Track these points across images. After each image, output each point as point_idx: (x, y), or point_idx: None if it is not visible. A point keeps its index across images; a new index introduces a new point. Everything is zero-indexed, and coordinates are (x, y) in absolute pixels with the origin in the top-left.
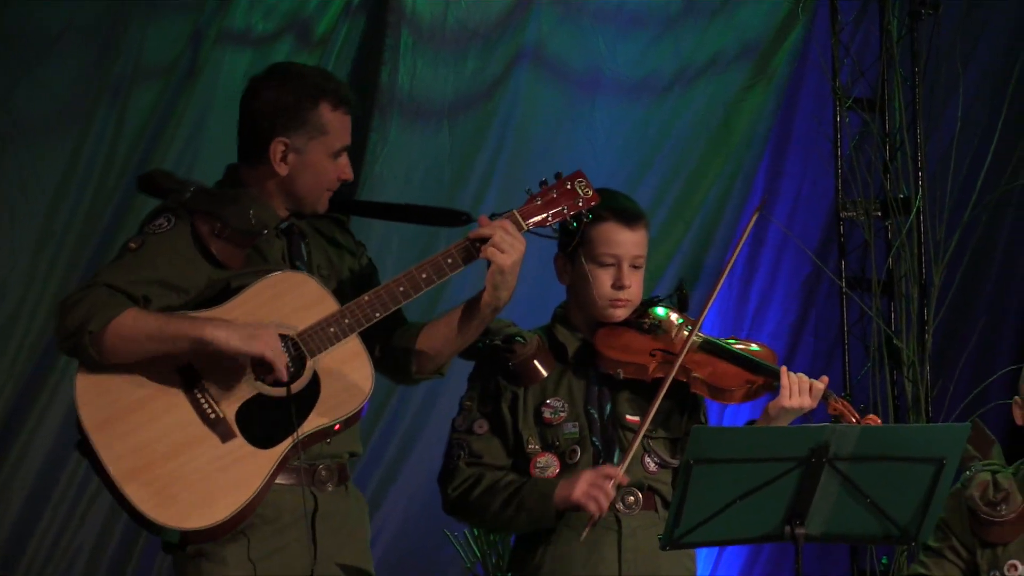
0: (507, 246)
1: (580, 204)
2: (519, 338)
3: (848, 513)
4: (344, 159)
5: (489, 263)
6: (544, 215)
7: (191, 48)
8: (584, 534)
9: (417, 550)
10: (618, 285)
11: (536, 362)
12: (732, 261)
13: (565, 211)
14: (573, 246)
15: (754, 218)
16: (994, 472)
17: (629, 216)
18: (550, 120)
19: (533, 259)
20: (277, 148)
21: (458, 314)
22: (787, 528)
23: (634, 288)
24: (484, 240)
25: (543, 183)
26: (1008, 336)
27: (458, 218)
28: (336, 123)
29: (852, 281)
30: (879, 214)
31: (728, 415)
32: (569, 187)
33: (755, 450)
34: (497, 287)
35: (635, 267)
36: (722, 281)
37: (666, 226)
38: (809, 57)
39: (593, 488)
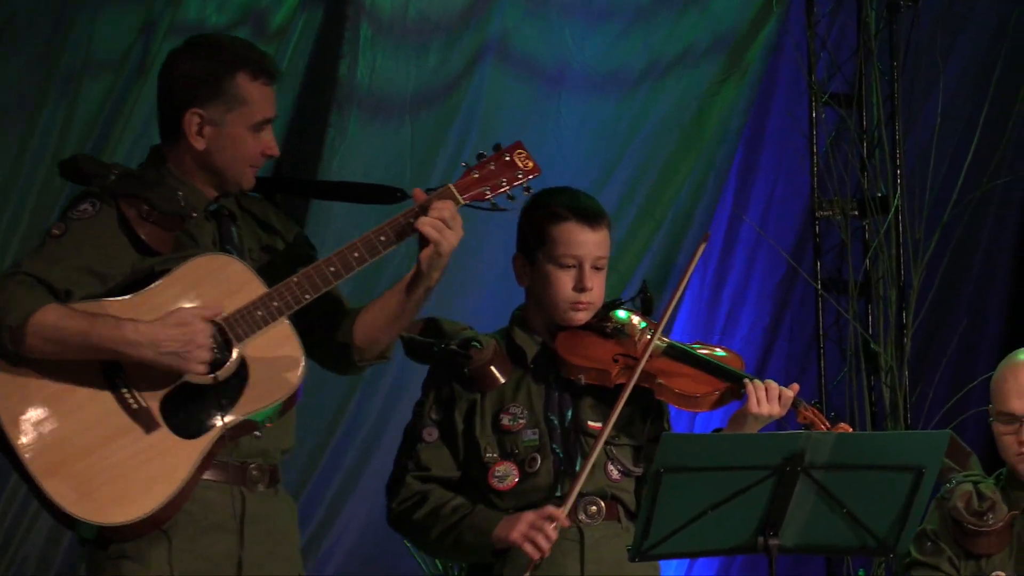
0: (446, 230)
1: (520, 177)
2: (475, 342)
3: (824, 523)
4: (268, 133)
5: (421, 241)
6: (482, 188)
7: (142, 40)
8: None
9: (377, 559)
10: (579, 287)
11: (493, 367)
12: (686, 280)
13: (504, 184)
14: (530, 246)
15: (700, 249)
16: (976, 482)
17: (590, 216)
18: (516, 116)
19: (494, 262)
20: (192, 120)
21: (392, 298)
22: (760, 539)
23: (596, 290)
24: (416, 215)
25: (480, 155)
26: (989, 340)
27: (392, 195)
28: (256, 94)
29: (828, 283)
30: (856, 213)
31: (699, 423)
32: (508, 159)
33: (727, 458)
34: (431, 266)
35: (597, 268)
36: (682, 289)
37: (636, 225)
38: (784, 50)
39: (532, 530)
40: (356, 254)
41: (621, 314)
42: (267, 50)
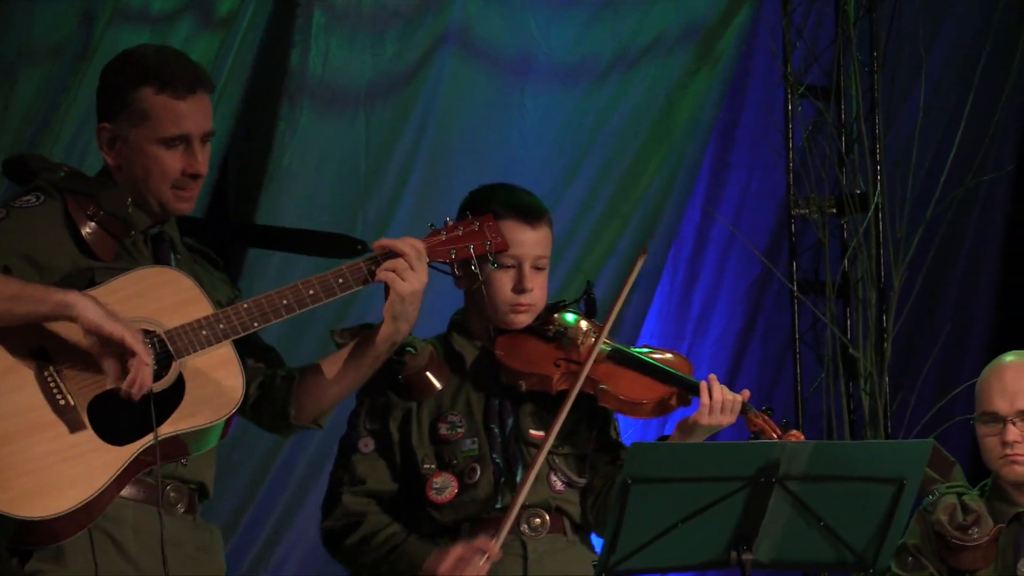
0: (410, 274)
1: (487, 247)
2: (410, 348)
3: (800, 537)
4: (190, 150)
5: (386, 292)
6: (448, 249)
7: (83, 27)
8: None
9: None
10: (519, 288)
11: (429, 374)
12: (629, 283)
13: (470, 250)
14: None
15: (640, 262)
16: (960, 494)
17: (529, 213)
18: (477, 108)
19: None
20: (102, 135)
21: (350, 351)
22: (733, 554)
23: (537, 292)
24: (378, 262)
25: (447, 223)
26: (974, 345)
27: (352, 247)
28: (160, 108)
29: (804, 284)
30: (834, 211)
31: (637, 431)
32: (477, 228)
33: (699, 468)
34: (396, 318)
35: (538, 268)
36: (625, 292)
37: (602, 223)
38: (758, 40)
39: (462, 564)
40: (311, 291)
41: (565, 317)
42: (213, 38)
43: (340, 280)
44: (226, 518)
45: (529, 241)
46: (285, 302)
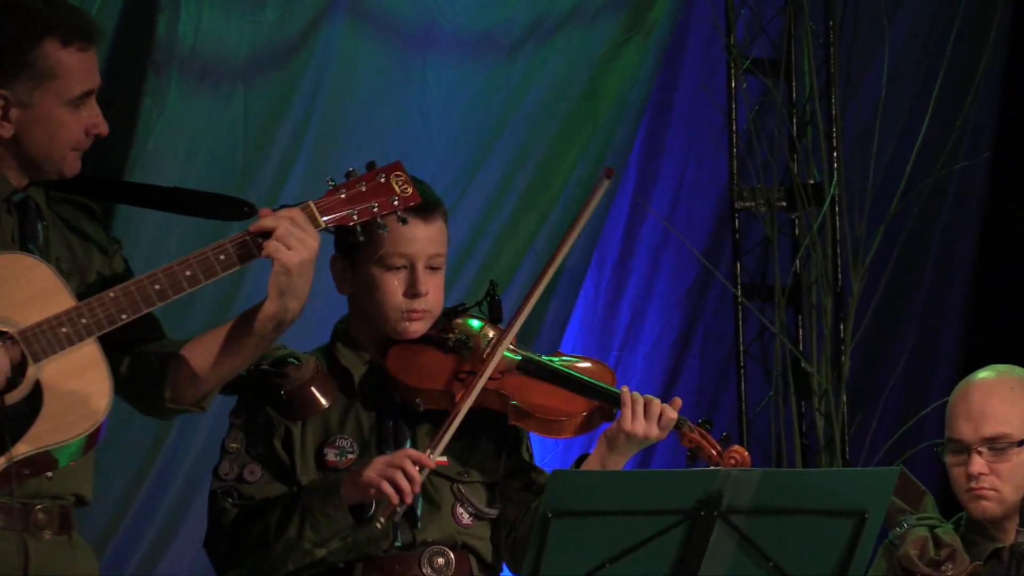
0: (295, 241)
1: (396, 203)
2: (292, 359)
3: None
4: (91, 108)
5: (273, 264)
6: (347, 211)
7: None
8: (380, 523)
9: None
10: (412, 292)
11: (314, 389)
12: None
13: (375, 209)
14: (350, 245)
15: (602, 187)
16: (932, 527)
17: (422, 205)
18: (371, 84)
19: (320, 266)
20: None
21: (230, 328)
22: None
23: (432, 295)
24: (267, 235)
25: (351, 173)
26: (944, 358)
27: (239, 209)
28: (70, 62)
29: (750, 288)
30: (784, 204)
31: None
32: (383, 180)
33: (630, 500)
34: (283, 293)
35: (432, 268)
36: (541, 286)
37: (516, 217)
38: (696, 7)
39: (390, 469)
40: (188, 272)
41: (468, 323)
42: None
43: (222, 256)
44: (96, 534)
45: (422, 238)
46: (158, 287)
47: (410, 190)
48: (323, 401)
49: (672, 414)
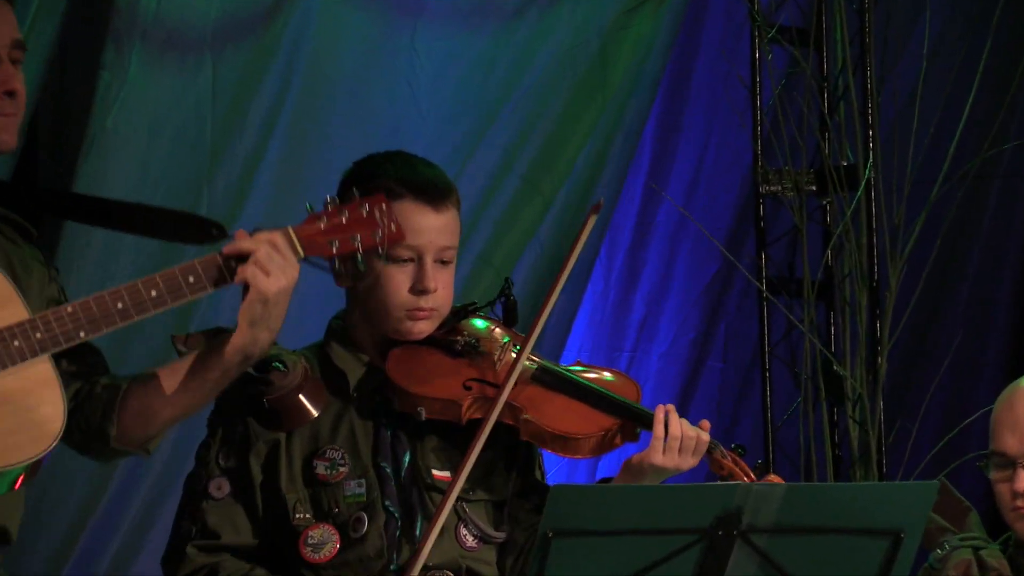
0: (275, 267)
1: (378, 239)
2: (277, 363)
3: None
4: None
5: (245, 291)
6: (327, 241)
7: None
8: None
9: None
10: (419, 288)
11: (302, 397)
12: (563, 276)
13: (357, 243)
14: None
15: (590, 222)
16: (977, 548)
17: (433, 192)
18: (355, 55)
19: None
20: None
21: (191, 362)
22: None
23: (441, 292)
24: (241, 258)
25: (330, 201)
26: (992, 361)
27: (206, 231)
28: None
29: (776, 282)
30: (813, 189)
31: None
32: (366, 213)
33: (640, 518)
34: (254, 323)
35: (443, 263)
36: (559, 286)
37: (517, 204)
38: None
39: None
40: (154, 292)
41: (478, 324)
42: None
43: (191, 278)
44: (60, 540)
45: (432, 228)
46: (120, 306)
47: (394, 227)
48: (312, 410)
49: (704, 438)
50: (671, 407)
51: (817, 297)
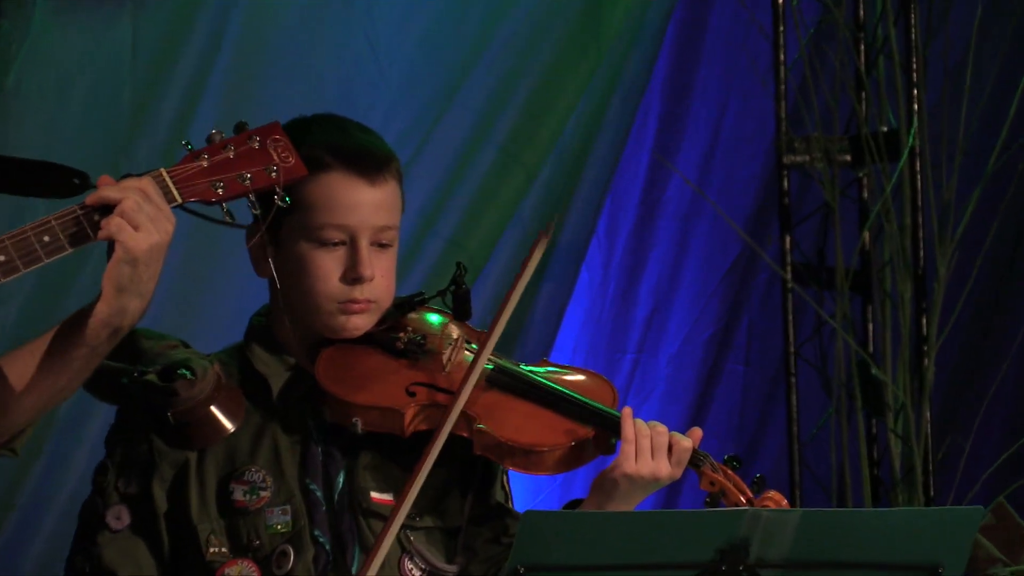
0: (144, 219)
1: (274, 175)
2: (184, 369)
3: None
4: None
5: (110, 250)
6: (211, 182)
7: None
8: None
9: None
10: (352, 276)
11: (215, 409)
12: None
13: (247, 182)
14: (271, 218)
15: (538, 248)
16: None
17: (367, 160)
18: (298, 8)
19: (233, 248)
20: None
21: (50, 340)
22: None
23: (380, 281)
24: (106, 210)
25: (213, 137)
26: None
27: (67, 180)
28: None
29: (804, 271)
30: (848, 159)
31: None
32: (257, 146)
33: (629, 550)
34: (122, 289)
35: (381, 246)
36: (521, 285)
37: (494, 178)
38: None
39: None
40: (1, 257)
41: (424, 319)
42: None
43: (46, 238)
44: None
45: (367, 204)
46: None
47: (291, 160)
48: (227, 424)
49: (686, 443)
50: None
51: (852, 288)
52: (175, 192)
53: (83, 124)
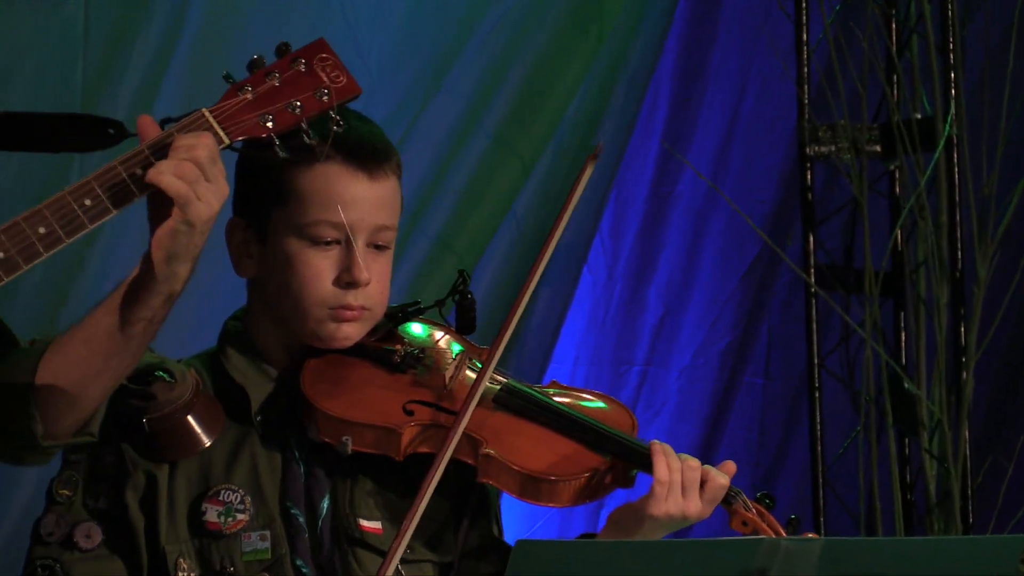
0: (204, 188)
1: (326, 98)
2: (161, 372)
3: None
4: None
5: (157, 208)
6: (260, 117)
7: None
8: None
9: None
10: (347, 279)
11: (192, 419)
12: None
13: (297, 111)
14: (258, 204)
15: (585, 173)
16: None
17: (368, 153)
18: None
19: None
20: None
21: (105, 316)
22: None
23: (375, 287)
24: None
25: (255, 63)
26: None
27: (102, 132)
28: None
29: (829, 273)
30: (878, 150)
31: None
32: (304, 68)
33: None
34: (175, 255)
35: (378, 247)
36: (534, 281)
37: (487, 168)
38: None
39: None
40: (42, 230)
41: (421, 330)
42: None
43: (87, 201)
44: None
45: (366, 200)
46: (1, 255)
47: (343, 79)
48: (203, 437)
49: (722, 480)
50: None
51: (882, 292)
52: (221, 134)
53: (32, 105)
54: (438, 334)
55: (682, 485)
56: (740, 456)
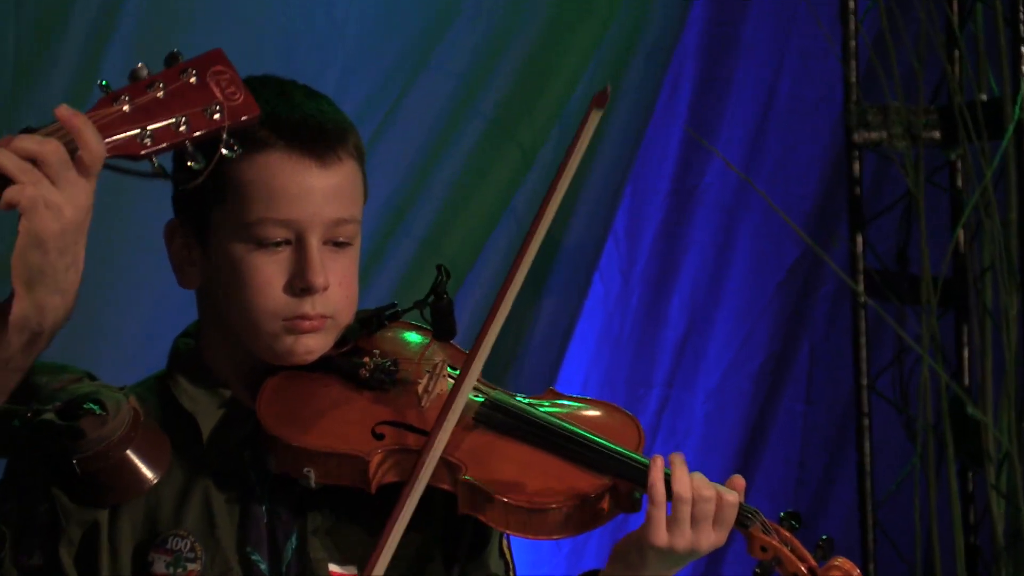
0: (48, 190)
1: (217, 117)
2: (92, 404)
3: None
4: None
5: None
6: (134, 132)
7: None
8: None
9: None
10: (300, 285)
11: (132, 454)
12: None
13: (183, 128)
14: (196, 203)
15: (590, 121)
16: None
17: (316, 135)
18: None
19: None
20: None
21: None
22: None
23: (337, 290)
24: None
25: (138, 72)
26: None
27: None
28: None
29: (880, 280)
30: (936, 136)
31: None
32: (194, 80)
33: None
34: (32, 281)
35: (337, 244)
36: (520, 275)
37: (480, 156)
38: None
39: None
40: None
41: (396, 338)
42: None
43: None
44: None
45: (316, 192)
46: None
47: (239, 96)
48: (148, 473)
49: (730, 498)
50: (678, 456)
51: (941, 302)
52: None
53: None
54: (417, 341)
55: (695, 513)
56: (777, 493)
